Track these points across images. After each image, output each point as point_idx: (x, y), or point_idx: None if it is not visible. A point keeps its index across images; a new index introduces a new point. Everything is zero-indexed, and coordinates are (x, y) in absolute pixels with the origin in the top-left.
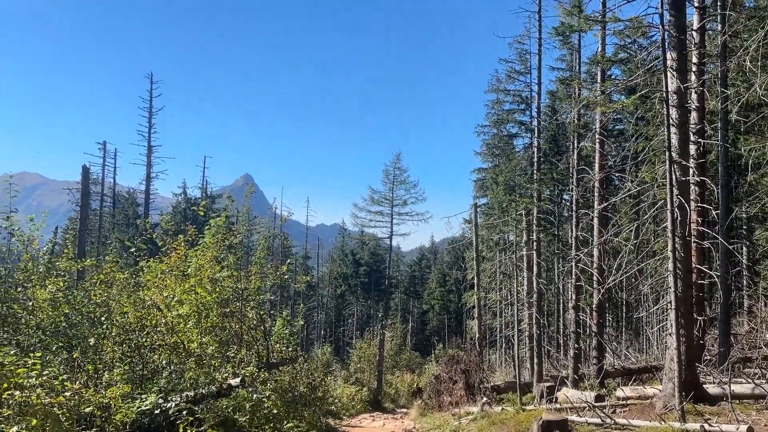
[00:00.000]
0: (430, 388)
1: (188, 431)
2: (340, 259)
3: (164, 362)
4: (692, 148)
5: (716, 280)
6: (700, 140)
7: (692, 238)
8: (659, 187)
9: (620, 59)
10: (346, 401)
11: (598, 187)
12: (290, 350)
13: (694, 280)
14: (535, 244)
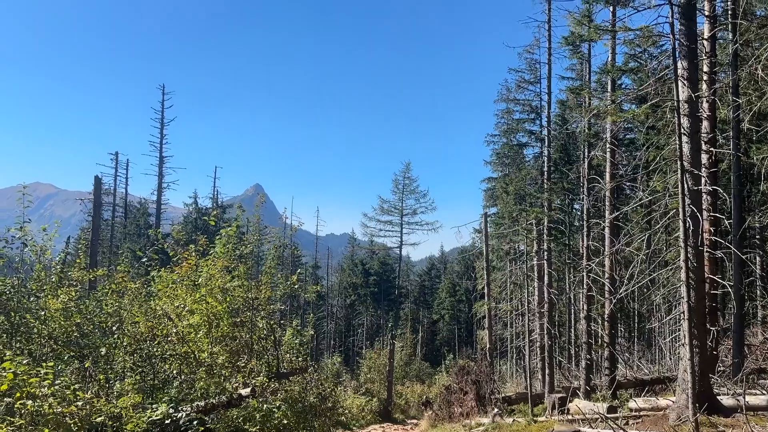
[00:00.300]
0: (440, 398)
1: None
2: (349, 268)
3: (175, 372)
4: (704, 157)
5: (729, 290)
6: (711, 149)
7: (705, 247)
8: (671, 196)
9: (630, 68)
10: (356, 412)
11: (609, 196)
12: (300, 360)
13: (707, 290)
14: (545, 253)
